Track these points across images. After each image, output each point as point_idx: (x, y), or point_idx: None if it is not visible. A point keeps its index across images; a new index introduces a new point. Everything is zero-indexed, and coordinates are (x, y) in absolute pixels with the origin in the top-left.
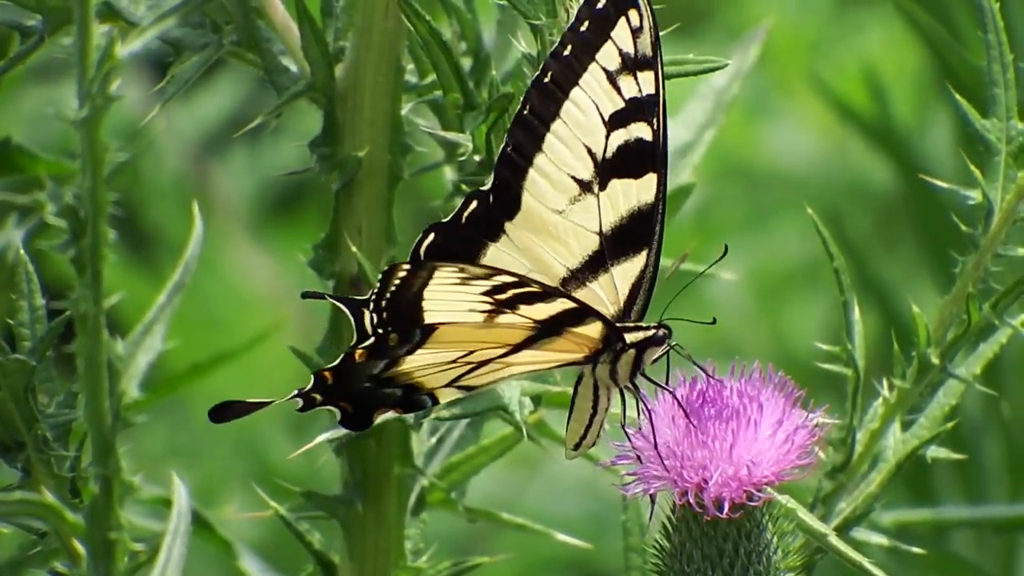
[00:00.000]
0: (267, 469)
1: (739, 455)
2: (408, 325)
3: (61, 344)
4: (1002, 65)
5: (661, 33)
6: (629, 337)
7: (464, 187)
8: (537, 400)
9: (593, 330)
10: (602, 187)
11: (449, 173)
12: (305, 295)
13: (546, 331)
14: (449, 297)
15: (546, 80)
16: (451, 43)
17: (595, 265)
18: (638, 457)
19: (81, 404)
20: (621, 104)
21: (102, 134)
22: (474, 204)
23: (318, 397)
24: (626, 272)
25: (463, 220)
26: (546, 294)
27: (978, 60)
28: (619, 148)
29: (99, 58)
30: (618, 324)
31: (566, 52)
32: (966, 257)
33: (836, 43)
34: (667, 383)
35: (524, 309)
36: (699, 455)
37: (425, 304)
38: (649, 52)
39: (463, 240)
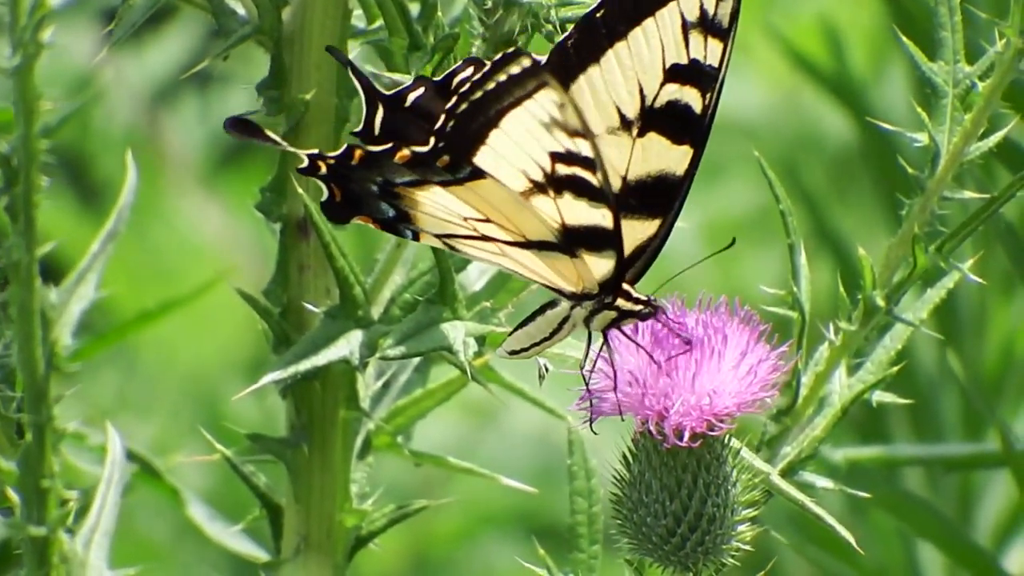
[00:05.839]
0: (221, 416)
1: (701, 385)
2: (465, 149)
3: None
4: (949, 8)
5: None
6: (620, 302)
7: None
8: (481, 340)
9: (601, 266)
10: (640, 134)
11: None
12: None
13: (562, 245)
14: (519, 139)
15: None
16: None
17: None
18: (588, 391)
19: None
20: (685, 59)
21: (35, 82)
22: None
23: (323, 168)
24: (634, 230)
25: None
26: (600, 193)
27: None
28: (669, 103)
29: (31, 6)
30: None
31: None
32: (913, 200)
33: None
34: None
35: (566, 200)
36: (661, 383)
37: (490, 138)
38: (725, 23)
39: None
